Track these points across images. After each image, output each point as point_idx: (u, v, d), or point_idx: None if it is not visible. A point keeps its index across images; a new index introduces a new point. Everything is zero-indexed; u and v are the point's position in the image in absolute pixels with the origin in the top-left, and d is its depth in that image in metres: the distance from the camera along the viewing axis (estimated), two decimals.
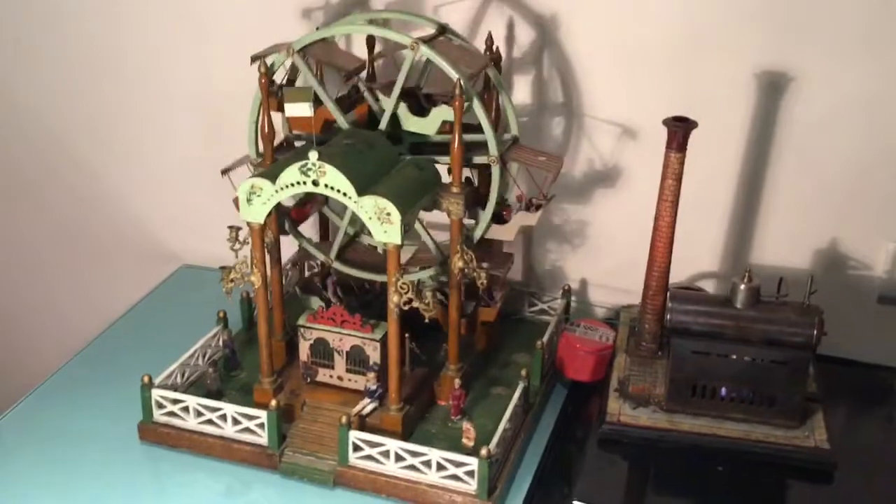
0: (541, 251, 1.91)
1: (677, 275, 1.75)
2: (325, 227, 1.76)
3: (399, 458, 1.41)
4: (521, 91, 1.78)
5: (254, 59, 1.49)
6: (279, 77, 1.51)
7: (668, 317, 1.50)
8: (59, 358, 1.81)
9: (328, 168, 1.32)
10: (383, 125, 1.47)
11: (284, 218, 1.58)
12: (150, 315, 1.97)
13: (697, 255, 1.80)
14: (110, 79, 2.04)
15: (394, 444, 1.41)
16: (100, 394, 1.68)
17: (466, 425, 1.44)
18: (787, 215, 1.74)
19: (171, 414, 1.52)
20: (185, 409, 1.51)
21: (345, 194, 1.33)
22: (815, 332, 1.45)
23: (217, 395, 1.58)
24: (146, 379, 1.51)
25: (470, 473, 1.37)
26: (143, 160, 2.12)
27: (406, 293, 1.36)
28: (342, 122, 1.49)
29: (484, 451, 1.35)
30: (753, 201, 1.75)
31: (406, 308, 1.38)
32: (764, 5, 1.61)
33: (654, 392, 1.55)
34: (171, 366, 1.58)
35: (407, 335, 1.54)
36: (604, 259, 1.87)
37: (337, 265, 1.63)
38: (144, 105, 2.05)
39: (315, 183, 1.33)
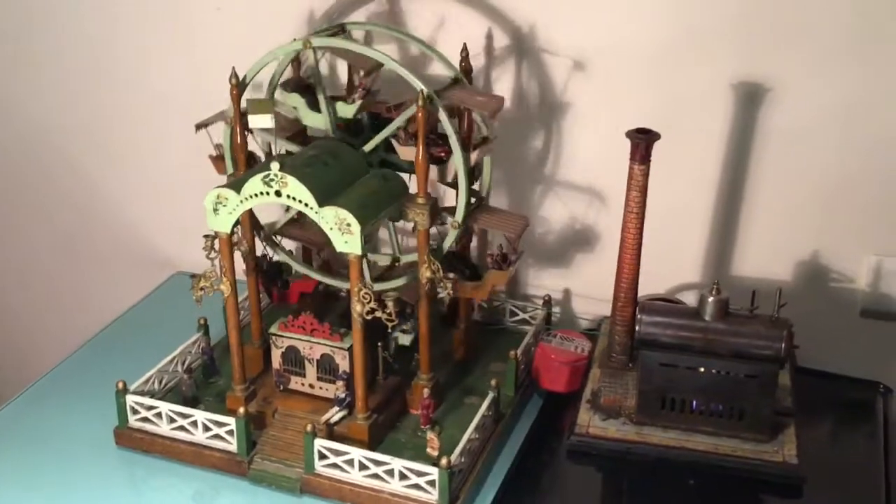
0: (525, 261, 1.91)
1: (659, 286, 1.75)
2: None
3: (363, 466, 1.42)
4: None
5: (198, 127, 1.53)
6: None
7: (637, 328, 1.49)
8: (60, 358, 1.85)
9: (289, 179, 1.33)
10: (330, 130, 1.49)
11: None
12: (142, 321, 2.00)
13: (679, 267, 1.79)
14: (106, 85, 2.08)
15: (357, 453, 1.42)
16: (86, 398, 1.71)
17: (430, 435, 1.44)
18: (768, 226, 1.72)
19: (145, 420, 1.55)
20: (159, 415, 1.53)
21: (306, 205, 1.34)
22: (784, 345, 1.44)
23: (193, 402, 1.60)
24: (120, 385, 1.54)
25: (431, 483, 1.38)
26: (138, 166, 2.15)
27: (368, 302, 1.38)
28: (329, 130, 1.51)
29: (444, 461, 1.36)
30: (734, 212, 1.73)
31: (369, 317, 1.39)
32: (741, 15, 1.60)
33: (626, 404, 1.55)
34: (148, 372, 1.61)
35: (380, 344, 1.56)
36: (587, 270, 1.87)
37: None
38: (140, 111, 2.09)
39: (278, 193, 1.35)
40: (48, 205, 2.28)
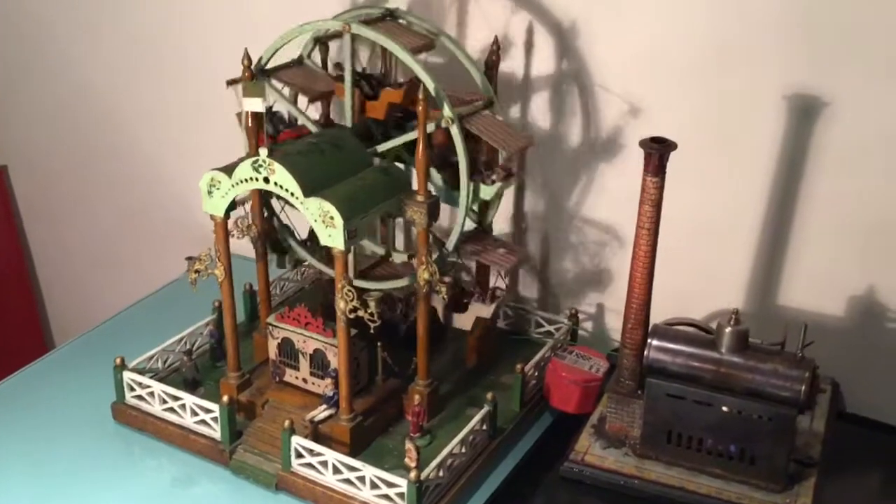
0: (557, 273, 1.81)
1: (697, 310, 1.61)
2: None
3: (336, 470, 1.37)
4: (538, 100, 1.69)
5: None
6: None
7: (646, 353, 1.38)
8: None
9: (277, 166, 1.29)
10: (347, 118, 1.43)
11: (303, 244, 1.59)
12: (176, 299, 2.00)
13: (719, 290, 1.65)
14: (169, 73, 2.14)
15: (331, 455, 1.36)
16: (103, 370, 1.72)
17: (408, 445, 1.37)
18: (819, 254, 1.56)
19: (140, 398, 1.54)
20: (152, 394, 1.52)
21: (292, 194, 1.30)
22: (805, 387, 1.29)
23: (192, 385, 1.58)
24: (118, 361, 1.54)
25: (401, 495, 1.31)
26: (194, 149, 2.17)
27: (351, 301, 1.32)
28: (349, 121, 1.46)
29: (412, 475, 1.29)
30: (783, 235, 1.58)
31: (352, 316, 1.33)
32: (799, 22, 1.45)
33: (631, 433, 1.43)
34: (151, 350, 1.60)
35: (379, 344, 1.50)
36: (624, 285, 1.74)
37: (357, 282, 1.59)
38: (196, 95, 2.11)
39: (266, 180, 1.31)
40: (113, 179, 2.35)
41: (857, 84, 1.44)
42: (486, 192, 1.42)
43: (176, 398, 1.50)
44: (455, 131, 1.37)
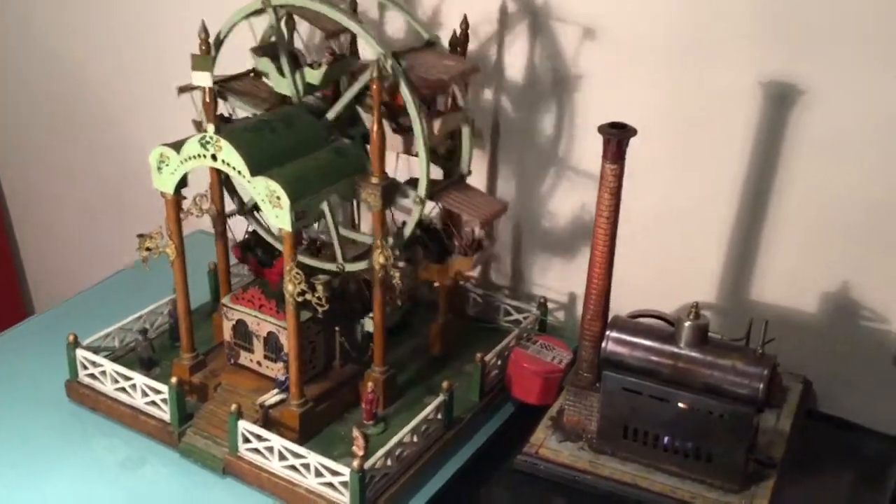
0: (529, 261, 1.77)
1: (667, 304, 1.56)
2: None
3: (282, 456, 1.33)
4: (511, 81, 1.64)
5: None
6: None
7: (604, 345, 1.34)
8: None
9: (223, 143, 1.26)
10: (290, 91, 1.40)
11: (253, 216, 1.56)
12: (156, 273, 1.96)
13: (691, 283, 1.60)
14: (153, 56, 2.11)
15: (277, 441, 1.33)
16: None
17: (355, 433, 1.34)
18: (793, 248, 1.51)
19: (93, 377, 1.52)
20: (104, 373, 1.50)
21: (239, 172, 1.26)
22: (763, 385, 1.25)
23: (148, 364, 1.56)
24: (71, 338, 1.51)
25: (344, 484, 1.28)
26: (172, 125, 2.14)
27: (299, 283, 1.28)
28: (294, 97, 1.41)
29: (356, 464, 1.26)
30: (756, 227, 1.53)
31: (300, 299, 1.30)
32: (772, 10, 1.40)
33: (589, 427, 1.39)
34: (107, 328, 1.58)
35: (337, 329, 1.47)
36: None
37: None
38: (175, 69, 2.07)
39: (214, 157, 1.28)
40: (93, 152, 2.33)
41: (833, 73, 1.38)
42: (312, 76, 1.36)
43: (127, 378, 1.47)
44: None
